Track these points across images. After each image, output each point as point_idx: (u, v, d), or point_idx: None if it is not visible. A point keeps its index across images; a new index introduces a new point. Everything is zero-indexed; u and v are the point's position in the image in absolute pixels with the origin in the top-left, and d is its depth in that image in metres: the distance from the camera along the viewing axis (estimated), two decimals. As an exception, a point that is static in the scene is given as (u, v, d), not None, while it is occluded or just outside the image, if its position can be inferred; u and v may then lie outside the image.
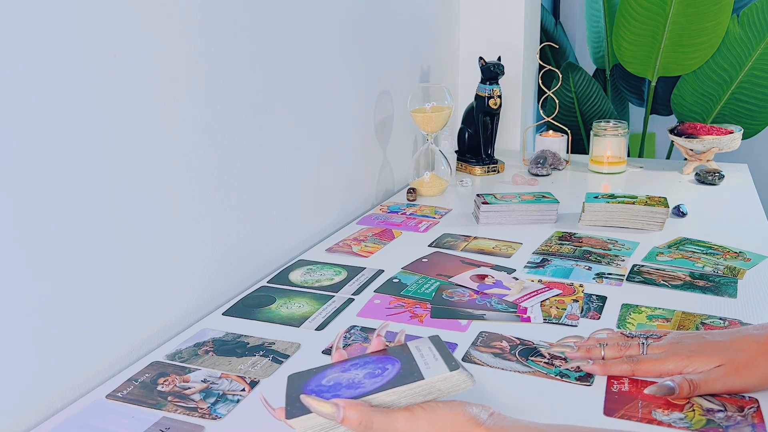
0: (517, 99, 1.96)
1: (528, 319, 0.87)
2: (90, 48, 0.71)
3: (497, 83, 1.60)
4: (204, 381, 0.74)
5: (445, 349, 0.60)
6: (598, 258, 1.07)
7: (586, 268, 1.03)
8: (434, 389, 0.56)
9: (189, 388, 0.73)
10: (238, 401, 0.70)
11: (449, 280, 1.00)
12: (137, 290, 0.82)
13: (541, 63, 1.79)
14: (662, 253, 1.08)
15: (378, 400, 0.55)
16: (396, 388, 0.55)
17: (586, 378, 0.72)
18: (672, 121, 2.55)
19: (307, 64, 1.14)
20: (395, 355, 0.61)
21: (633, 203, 1.21)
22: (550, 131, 1.75)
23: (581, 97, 2.29)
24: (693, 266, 1.02)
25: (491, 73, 1.58)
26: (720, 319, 0.85)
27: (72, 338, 0.73)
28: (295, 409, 0.55)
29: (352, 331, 0.85)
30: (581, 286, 0.96)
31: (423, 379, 0.56)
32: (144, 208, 0.81)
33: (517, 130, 1.99)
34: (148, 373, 0.76)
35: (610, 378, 0.72)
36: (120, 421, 0.67)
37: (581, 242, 1.14)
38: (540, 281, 0.98)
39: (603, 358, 0.72)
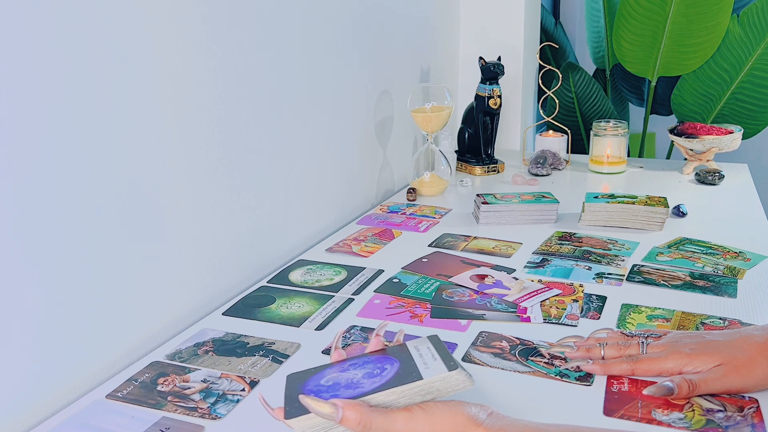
0: (517, 99, 1.96)
1: (528, 319, 0.87)
2: (90, 47, 0.71)
3: (497, 83, 1.60)
4: (204, 381, 0.74)
5: (444, 349, 0.60)
6: (598, 258, 1.07)
7: (586, 268, 1.03)
8: (433, 389, 0.56)
9: (189, 388, 0.73)
10: (238, 401, 0.70)
11: (449, 280, 1.00)
12: (137, 290, 0.82)
13: (541, 63, 1.79)
14: (662, 253, 1.08)
15: (377, 401, 0.55)
16: (394, 389, 0.55)
17: (586, 378, 0.72)
18: (672, 121, 2.55)
19: (307, 64, 1.14)
20: (394, 355, 0.61)
21: (633, 203, 1.21)
22: (550, 131, 1.75)
23: (581, 97, 2.29)
24: (693, 266, 1.02)
25: (491, 73, 1.58)
26: (720, 319, 0.85)
27: (72, 338, 0.73)
28: (293, 409, 0.55)
29: (352, 331, 0.85)
30: (581, 286, 0.96)
31: (422, 379, 0.56)
32: (144, 208, 0.81)
33: (517, 130, 1.99)
34: (148, 373, 0.76)
35: (609, 378, 0.72)
36: (120, 421, 0.67)
37: (581, 242, 1.14)
38: (540, 281, 0.98)
39: (603, 358, 0.72)
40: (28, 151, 0.66)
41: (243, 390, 0.72)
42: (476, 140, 1.66)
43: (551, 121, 1.72)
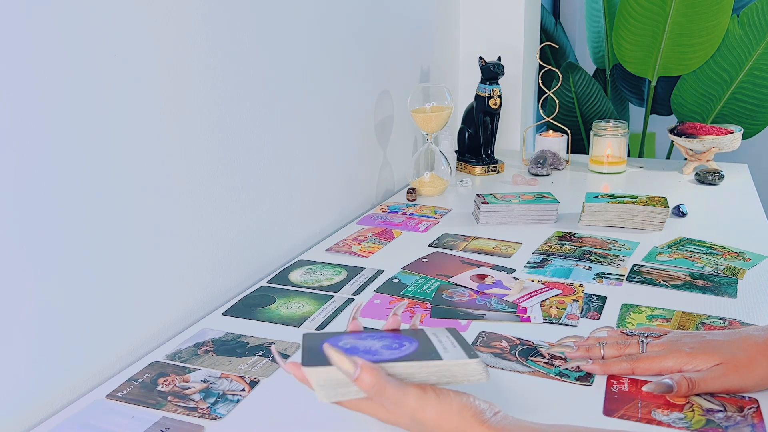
0: (517, 99, 1.96)
1: (528, 319, 0.87)
2: (90, 47, 0.71)
3: (497, 83, 1.60)
4: (204, 381, 0.74)
5: (464, 340, 0.61)
6: (598, 258, 1.07)
7: (586, 268, 1.03)
8: (449, 373, 0.56)
9: (189, 388, 0.73)
10: (238, 401, 0.70)
11: (449, 280, 1.00)
12: (137, 290, 0.82)
13: (541, 63, 1.79)
14: (662, 253, 1.08)
15: (395, 370, 0.55)
16: (413, 362, 0.55)
17: (586, 378, 0.72)
18: (672, 121, 2.55)
19: (307, 64, 1.14)
20: (412, 335, 0.61)
21: (633, 203, 1.21)
22: (550, 131, 1.75)
23: (581, 97, 2.29)
24: (693, 266, 1.02)
25: (491, 73, 1.58)
26: (720, 319, 0.85)
27: (72, 338, 0.73)
28: (311, 359, 0.55)
29: (352, 331, 0.85)
30: (581, 286, 0.96)
31: (441, 359, 0.56)
32: (144, 208, 0.81)
33: (517, 130, 1.99)
34: (148, 373, 0.76)
35: (609, 378, 0.72)
36: (120, 421, 0.67)
37: (581, 242, 1.14)
38: (540, 281, 0.98)
39: (603, 357, 0.72)
40: (28, 150, 0.66)
41: (243, 390, 0.72)
42: (476, 140, 1.66)
43: (551, 121, 1.72)
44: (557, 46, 2.49)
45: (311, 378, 0.54)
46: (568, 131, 1.76)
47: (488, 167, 1.66)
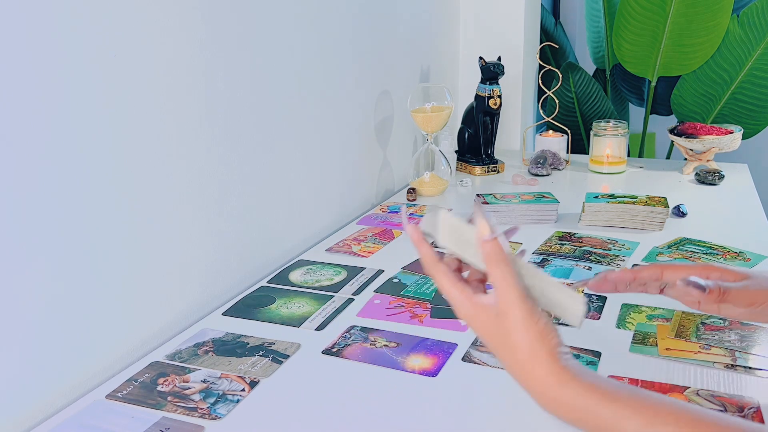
0: (517, 99, 1.96)
1: (528, 319, 0.87)
2: (90, 47, 0.71)
3: (497, 83, 1.60)
4: (204, 381, 0.74)
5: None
6: (598, 258, 1.07)
7: (586, 268, 1.03)
8: (553, 296, 0.55)
9: (189, 388, 0.73)
10: (238, 401, 0.70)
11: (449, 280, 1.00)
12: (137, 290, 0.82)
13: (541, 63, 1.79)
14: (662, 253, 1.08)
15: (517, 264, 0.54)
16: (530, 264, 0.55)
17: (586, 378, 0.72)
18: (672, 121, 2.55)
19: (307, 64, 1.14)
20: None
21: (633, 203, 1.21)
22: (550, 131, 1.75)
23: (581, 97, 2.29)
24: (693, 266, 1.02)
25: (491, 73, 1.58)
26: (720, 319, 0.85)
27: (72, 338, 0.73)
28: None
29: (352, 331, 0.85)
30: (581, 286, 0.96)
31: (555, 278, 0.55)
32: (144, 208, 0.81)
33: (517, 130, 1.99)
34: (148, 373, 0.76)
35: (609, 378, 0.71)
36: (120, 421, 0.67)
37: (581, 242, 1.14)
38: (540, 281, 0.98)
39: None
40: (28, 150, 0.66)
41: (243, 390, 0.72)
42: (476, 140, 1.66)
43: (551, 121, 1.72)
44: (557, 46, 2.49)
45: (445, 223, 0.55)
46: (568, 131, 1.76)
47: (488, 167, 1.66)
